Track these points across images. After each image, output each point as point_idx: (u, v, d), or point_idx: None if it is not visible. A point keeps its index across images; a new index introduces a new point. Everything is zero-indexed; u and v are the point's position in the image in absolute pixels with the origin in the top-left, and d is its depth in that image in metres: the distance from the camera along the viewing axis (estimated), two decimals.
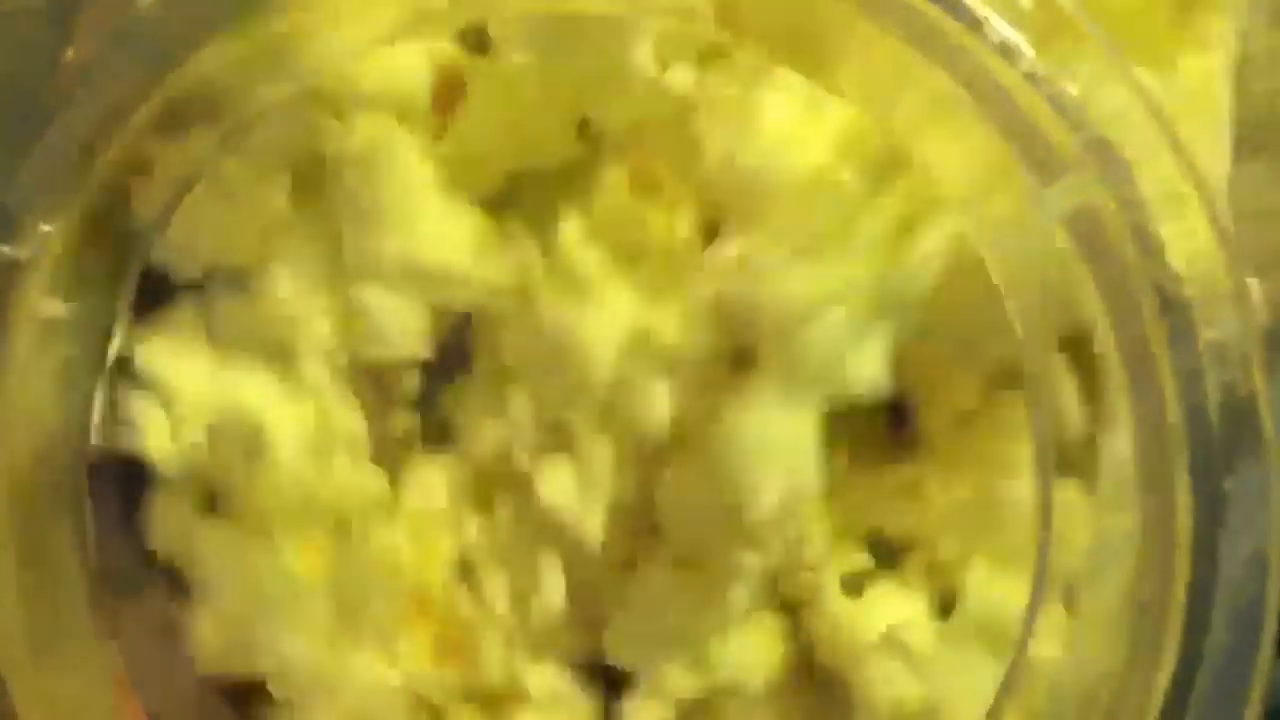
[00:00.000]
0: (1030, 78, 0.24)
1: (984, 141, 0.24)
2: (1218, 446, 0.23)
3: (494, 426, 0.30)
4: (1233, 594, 0.23)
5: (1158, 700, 0.24)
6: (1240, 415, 0.23)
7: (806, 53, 0.26)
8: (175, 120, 0.25)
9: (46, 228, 0.25)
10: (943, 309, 0.28)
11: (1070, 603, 0.26)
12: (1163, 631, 0.23)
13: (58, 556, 0.27)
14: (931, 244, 0.27)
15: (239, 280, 0.29)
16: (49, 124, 0.25)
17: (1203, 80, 0.29)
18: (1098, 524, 0.25)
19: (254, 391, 0.29)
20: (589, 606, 0.30)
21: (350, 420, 0.30)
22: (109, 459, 0.28)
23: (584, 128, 0.29)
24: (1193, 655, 0.24)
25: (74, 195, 0.25)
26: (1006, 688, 0.26)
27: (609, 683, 0.31)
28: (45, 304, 0.25)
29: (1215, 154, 0.28)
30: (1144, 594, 0.24)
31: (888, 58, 0.24)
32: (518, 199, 0.30)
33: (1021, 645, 0.26)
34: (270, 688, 0.30)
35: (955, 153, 0.25)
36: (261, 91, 0.26)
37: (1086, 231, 0.24)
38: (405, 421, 0.31)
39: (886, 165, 0.27)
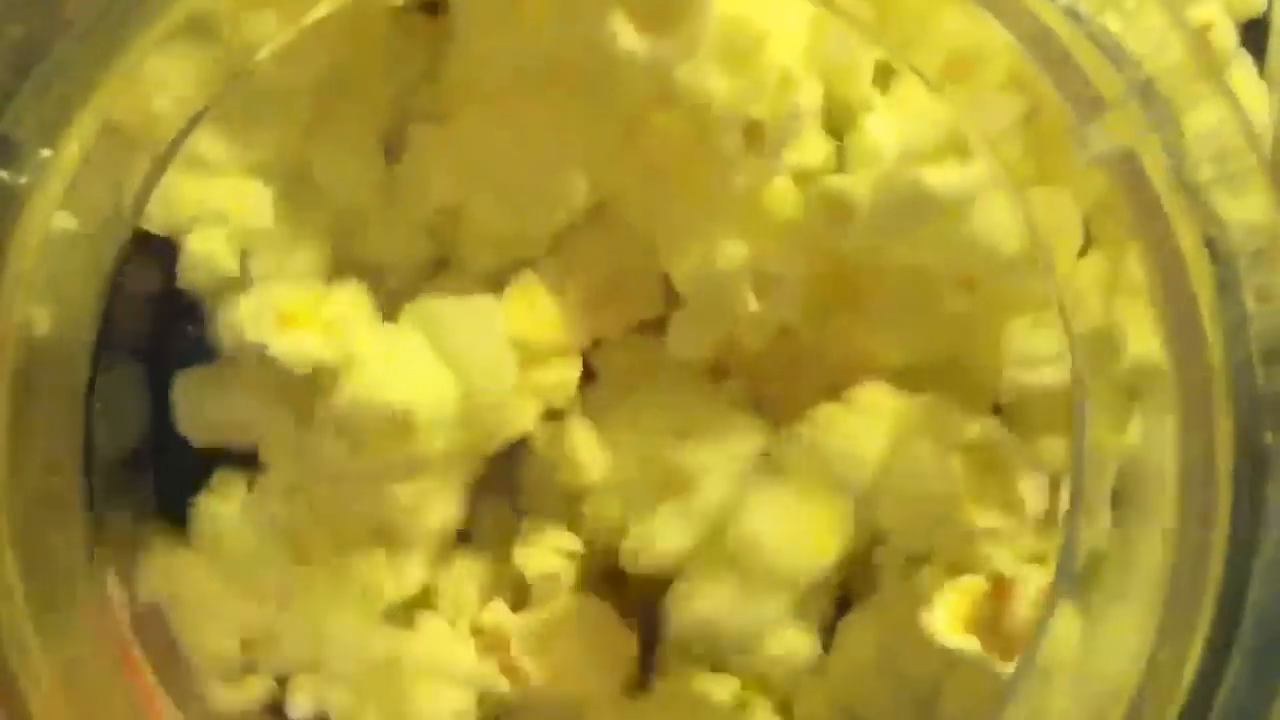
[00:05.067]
0: (1070, 13, 0.23)
1: None
2: (1262, 398, 0.22)
3: None
4: (1274, 553, 0.22)
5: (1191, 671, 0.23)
6: None
7: None
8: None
9: (46, 152, 0.24)
10: None
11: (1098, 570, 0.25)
12: (1201, 591, 0.22)
13: (59, 507, 0.27)
14: None
15: None
16: (48, 50, 0.24)
17: None
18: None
19: None
20: None
21: None
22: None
23: None
24: (1230, 621, 0.22)
25: (74, 122, 0.24)
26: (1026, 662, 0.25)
27: None
28: (57, 217, 0.24)
29: None
30: (1181, 554, 0.23)
31: None
32: None
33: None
34: None
35: None
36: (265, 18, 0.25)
37: (1126, 173, 0.23)
38: None
39: None
